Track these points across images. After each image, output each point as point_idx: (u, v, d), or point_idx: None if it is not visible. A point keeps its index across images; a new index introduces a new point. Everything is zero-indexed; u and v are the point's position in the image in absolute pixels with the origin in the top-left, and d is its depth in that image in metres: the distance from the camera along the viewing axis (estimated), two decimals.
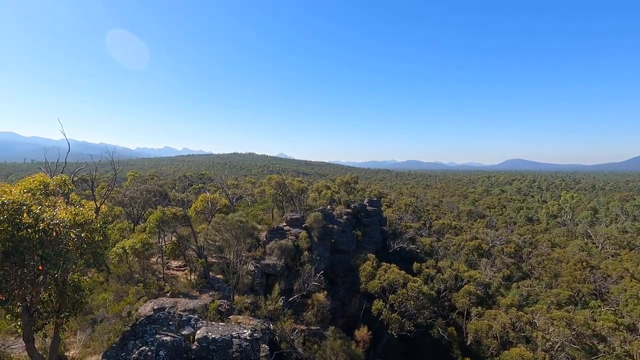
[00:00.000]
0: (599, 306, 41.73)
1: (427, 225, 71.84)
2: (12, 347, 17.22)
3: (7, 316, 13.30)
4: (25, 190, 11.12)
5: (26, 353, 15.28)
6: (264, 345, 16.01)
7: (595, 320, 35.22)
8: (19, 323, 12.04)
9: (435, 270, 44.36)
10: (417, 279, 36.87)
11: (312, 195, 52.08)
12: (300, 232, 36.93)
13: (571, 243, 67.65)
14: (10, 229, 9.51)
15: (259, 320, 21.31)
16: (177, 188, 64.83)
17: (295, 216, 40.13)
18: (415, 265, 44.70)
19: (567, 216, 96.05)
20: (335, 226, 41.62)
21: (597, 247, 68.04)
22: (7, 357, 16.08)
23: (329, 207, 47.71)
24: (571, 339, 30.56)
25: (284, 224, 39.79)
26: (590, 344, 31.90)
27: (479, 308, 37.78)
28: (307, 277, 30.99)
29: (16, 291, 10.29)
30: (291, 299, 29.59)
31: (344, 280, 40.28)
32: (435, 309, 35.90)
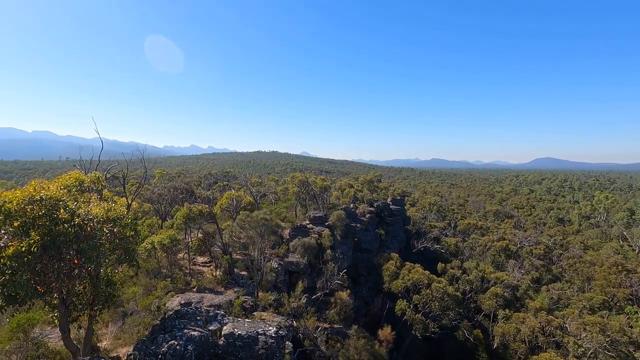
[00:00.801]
0: (636, 312, 39.75)
1: (452, 225, 70.41)
2: (49, 336, 18.03)
3: (45, 307, 13.93)
4: (62, 187, 11.56)
5: (62, 343, 15.97)
6: (288, 342, 16.10)
7: (631, 327, 33.56)
8: (55, 314, 12.57)
9: (460, 271, 43.41)
10: (442, 279, 36.19)
11: (335, 194, 51.99)
12: (323, 230, 36.91)
13: (605, 245, 64.68)
14: (48, 223, 9.91)
15: (282, 317, 21.45)
16: (202, 185, 66.13)
17: (318, 214, 40.15)
18: (440, 265, 43.89)
19: (601, 217, 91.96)
20: (358, 225, 41.39)
21: (633, 250, 64.84)
22: (45, 346, 16.85)
23: (351, 205, 47.51)
24: (605, 346, 29.22)
25: (307, 222, 39.88)
26: (626, 352, 30.42)
27: (507, 311, 36.70)
28: (330, 276, 30.97)
29: (53, 284, 10.73)
30: (314, 297, 29.64)
31: (366, 279, 40.02)
32: (461, 310, 35.14)
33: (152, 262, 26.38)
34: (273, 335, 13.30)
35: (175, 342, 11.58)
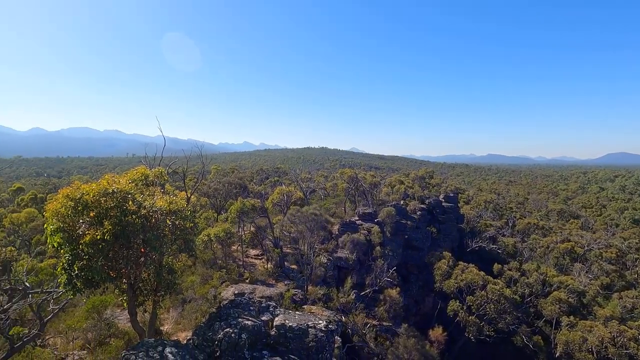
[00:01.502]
0: None
1: (510, 225, 66.54)
2: (118, 318, 19.71)
3: (115, 291, 15.23)
4: (130, 181, 12.55)
5: (129, 324, 17.36)
6: (337, 337, 16.25)
7: None
8: (124, 298, 13.70)
9: (519, 273, 40.98)
10: (498, 281, 34.45)
11: (385, 190, 51.28)
12: (372, 227, 36.64)
13: None
14: (119, 214, 10.83)
15: (331, 312, 21.65)
16: (254, 181, 68.34)
17: (367, 210, 39.90)
18: (496, 266, 41.73)
19: None
20: (408, 222, 40.57)
21: None
22: (115, 326, 18.46)
23: (402, 202, 46.64)
24: None
25: (356, 218, 39.79)
26: None
27: (571, 318, 34.05)
28: (379, 272, 30.71)
29: (123, 270, 11.70)
30: (363, 293, 29.56)
31: (417, 277, 39.17)
32: (519, 314, 33.23)
33: (208, 253, 27.77)
34: (323, 329, 13.49)
35: (230, 330, 12.14)
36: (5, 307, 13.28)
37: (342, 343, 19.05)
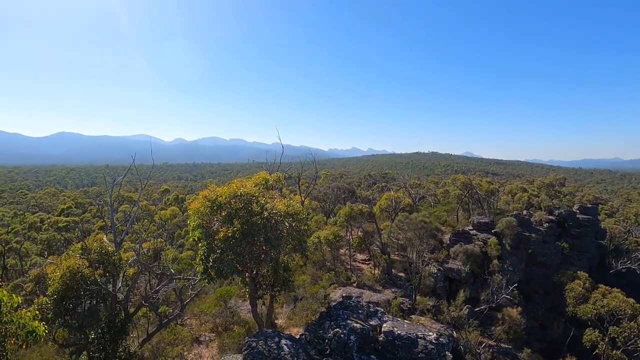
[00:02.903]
0: None
1: None
2: (240, 308, 21.96)
3: (239, 283, 17.08)
4: (254, 185, 14.02)
5: (249, 315, 19.21)
6: (447, 352, 15.43)
7: None
8: (246, 290, 15.29)
9: None
10: None
11: (504, 198, 46.79)
12: (488, 238, 33.82)
13: None
14: (245, 214, 12.24)
15: (441, 325, 20.61)
16: (362, 186, 69.10)
17: (483, 220, 36.99)
18: None
19: None
20: (533, 234, 36.34)
21: None
22: (238, 315, 20.64)
23: (524, 212, 41.97)
24: None
25: (470, 227, 37.21)
26: None
27: None
28: (496, 288, 28.11)
29: (248, 264, 13.12)
30: (477, 309, 27.42)
31: (543, 298, 34.77)
32: None
33: (318, 255, 29.03)
34: (433, 341, 12.99)
35: (340, 331, 12.56)
36: (157, 288, 15.97)
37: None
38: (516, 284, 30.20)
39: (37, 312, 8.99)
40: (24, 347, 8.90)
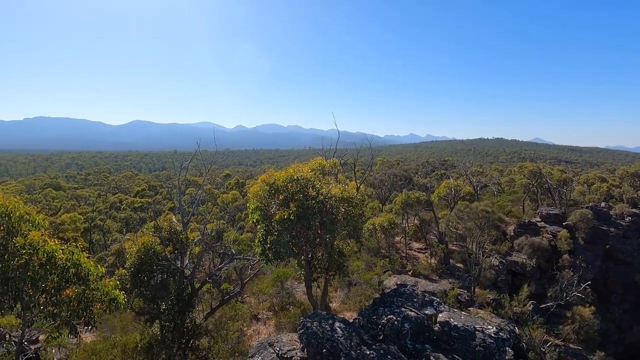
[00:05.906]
0: None
1: None
2: (295, 289, 22.69)
3: (295, 265, 17.62)
4: (310, 170, 14.26)
5: (304, 297, 19.79)
6: (508, 348, 14.70)
7: None
8: (302, 272, 15.73)
9: None
10: None
11: (579, 189, 42.81)
12: (559, 231, 31.37)
13: None
14: (301, 198, 12.54)
15: (502, 320, 19.66)
16: (419, 173, 67.18)
17: (553, 211, 34.34)
18: None
19: None
20: (611, 229, 33.08)
21: None
22: (293, 296, 21.36)
23: (602, 204, 38.20)
24: None
25: (538, 219, 34.76)
26: None
27: None
28: (566, 285, 26.11)
29: (303, 247, 13.48)
30: (543, 306, 25.73)
31: (621, 298, 31.70)
32: None
33: (372, 242, 28.95)
34: (492, 335, 12.43)
35: (394, 317, 12.48)
36: (219, 266, 17.02)
37: (515, 357, 17.09)
38: (589, 282, 27.79)
39: (118, 282, 10.09)
40: (107, 312, 10.05)
